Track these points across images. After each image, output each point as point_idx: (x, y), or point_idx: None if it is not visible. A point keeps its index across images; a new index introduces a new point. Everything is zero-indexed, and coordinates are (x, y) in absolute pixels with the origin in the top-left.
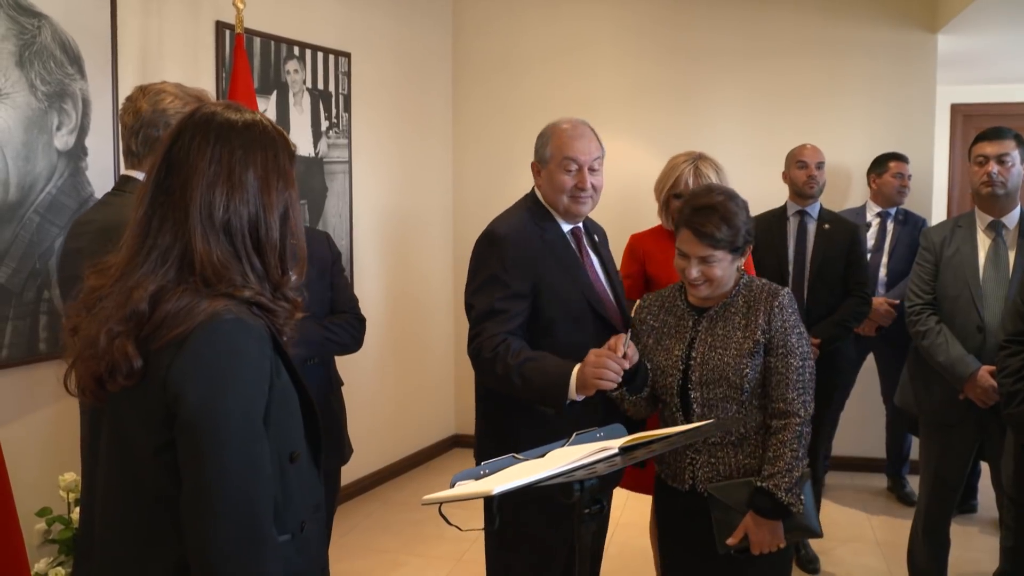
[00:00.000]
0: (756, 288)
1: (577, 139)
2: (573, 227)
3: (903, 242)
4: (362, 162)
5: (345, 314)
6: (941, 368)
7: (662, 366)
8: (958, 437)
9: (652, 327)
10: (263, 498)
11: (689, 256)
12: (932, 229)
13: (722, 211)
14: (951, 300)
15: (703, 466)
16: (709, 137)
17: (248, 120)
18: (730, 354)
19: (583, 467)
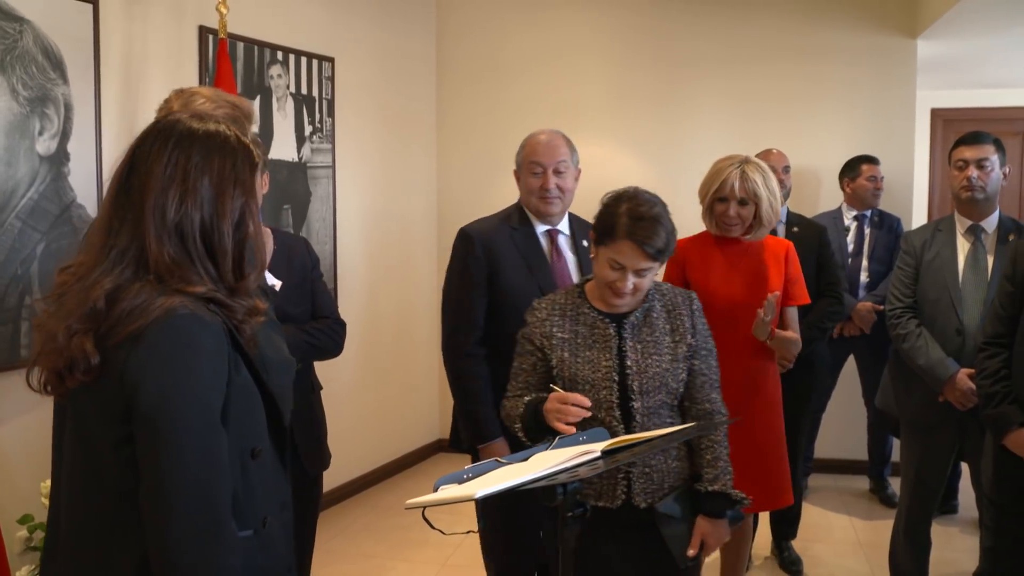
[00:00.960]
0: (668, 292)
1: (542, 144)
2: (550, 228)
3: (881, 243)
4: (346, 167)
5: (326, 319)
6: (921, 371)
7: (590, 379)
8: (938, 439)
9: (562, 339)
10: (220, 491)
11: (626, 268)
12: (913, 233)
13: (664, 223)
14: (931, 303)
15: (639, 477)
16: (691, 143)
17: (211, 130)
18: (666, 360)
19: (566, 470)
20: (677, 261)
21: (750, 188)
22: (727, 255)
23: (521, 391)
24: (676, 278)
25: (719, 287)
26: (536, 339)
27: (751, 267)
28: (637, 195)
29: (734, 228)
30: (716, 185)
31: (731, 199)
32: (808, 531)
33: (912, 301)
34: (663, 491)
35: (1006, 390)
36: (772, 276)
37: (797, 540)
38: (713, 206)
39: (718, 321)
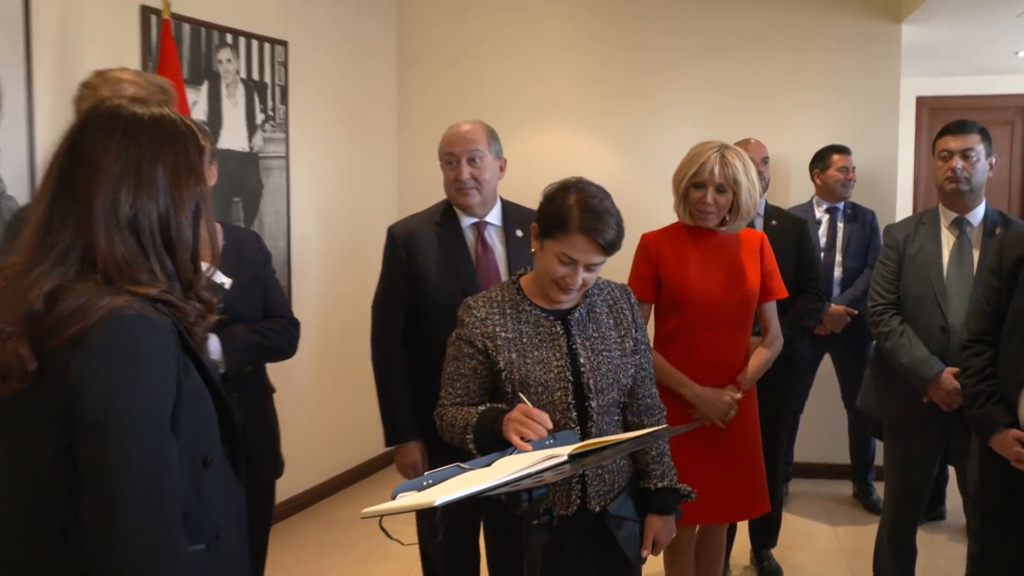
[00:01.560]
0: (605, 286)
1: (455, 134)
2: (477, 221)
3: (855, 238)
4: (301, 157)
5: (279, 318)
6: (904, 370)
7: (543, 381)
8: (922, 441)
9: (507, 339)
10: (170, 502)
11: (577, 263)
12: (896, 226)
13: (614, 215)
14: (914, 300)
15: (593, 480)
16: (665, 133)
17: (156, 115)
18: (615, 356)
19: (530, 475)
20: (649, 258)
21: (729, 174)
22: (702, 249)
23: (461, 398)
24: (649, 276)
25: (697, 284)
26: (477, 340)
27: (728, 261)
28: (585, 186)
29: (709, 217)
30: (693, 169)
31: (708, 185)
32: (789, 539)
33: (895, 297)
34: (614, 492)
35: (991, 389)
36: (749, 271)
37: (777, 548)
38: (688, 192)
39: (696, 320)
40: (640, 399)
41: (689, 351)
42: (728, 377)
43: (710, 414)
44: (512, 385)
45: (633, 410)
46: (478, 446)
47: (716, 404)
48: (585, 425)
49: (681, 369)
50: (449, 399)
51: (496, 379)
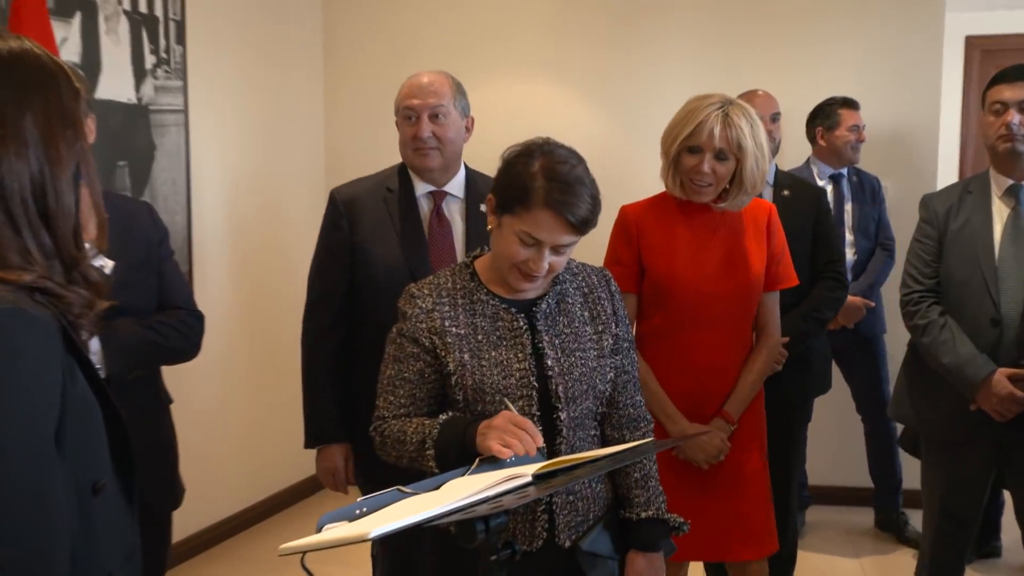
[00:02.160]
0: (580, 271)
1: (415, 85)
2: (434, 190)
3: (864, 212)
4: (203, 111)
5: (178, 310)
6: (947, 371)
7: (502, 387)
8: (970, 459)
9: (458, 336)
10: (55, 539)
11: (542, 244)
12: (935, 196)
13: (588, 185)
14: (959, 285)
15: (563, 509)
16: (653, 77)
17: (15, 49)
18: (591, 356)
19: (487, 500)
20: (629, 237)
21: (733, 137)
22: (694, 228)
23: (405, 408)
24: (629, 260)
25: (686, 271)
26: (423, 338)
27: (726, 243)
28: (553, 149)
29: (705, 190)
30: (688, 129)
31: (706, 150)
32: None
33: (934, 283)
34: (587, 523)
35: None
36: (752, 254)
37: None
38: (680, 158)
39: (684, 316)
40: (621, 408)
41: (673, 355)
42: (722, 389)
43: (694, 456)
44: (464, 392)
45: (613, 422)
46: (442, 464)
47: (704, 447)
48: (553, 441)
49: (663, 378)
50: (390, 410)
51: (445, 385)
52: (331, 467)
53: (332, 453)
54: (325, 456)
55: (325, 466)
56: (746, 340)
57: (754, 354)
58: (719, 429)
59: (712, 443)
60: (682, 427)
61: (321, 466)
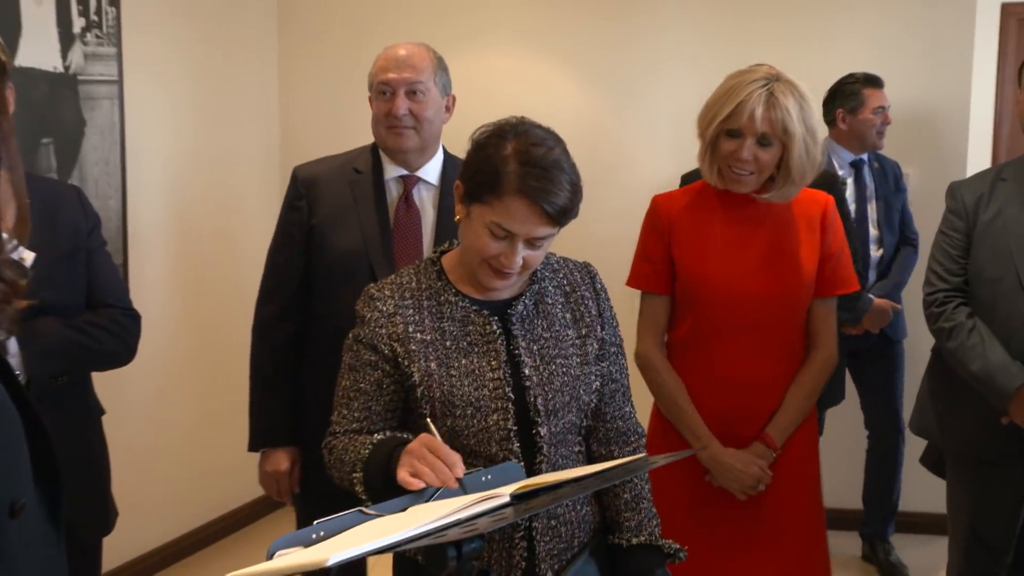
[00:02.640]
0: (560, 266)
1: (392, 58)
2: (406, 174)
3: (889, 202)
4: (140, 82)
5: (109, 308)
6: (975, 380)
7: (474, 400)
8: (1002, 479)
9: (424, 342)
10: None
11: (515, 236)
12: (963, 184)
13: (567, 170)
14: (989, 284)
15: (544, 534)
16: (649, 49)
17: None
18: (574, 363)
19: (459, 523)
20: (659, 230)
21: (778, 119)
22: (734, 221)
23: (360, 423)
24: (660, 256)
25: (719, 269)
26: (382, 345)
27: (771, 240)
28: (528, 130)
29: (745, 179)
30: (727, 110)
31: (747, 134)
32: None
33: (962, 281)
34: (572, 550)
35: None
36: (802, 254)
37: None
38: (718, 142)
39: (717, 321)
40: (609, 421)
41: (703, 367)
42: (762, 408)
43: (728, 485)
44: (432, 405)
45: (600, 437)
46: (369, 490)
47: (740, 476)
48: (532, 460)
49: (692, 393)
50: (343, 424)
51: (408, 398)
52: (275, 472)
53: (278, 457)
54: (270, 460)
55: (269, 471)
56: (793, 352)
57: (803, 369)
58: (758, 455)
59: (749, 470)
60: (713, 452)
61: (264, 471)
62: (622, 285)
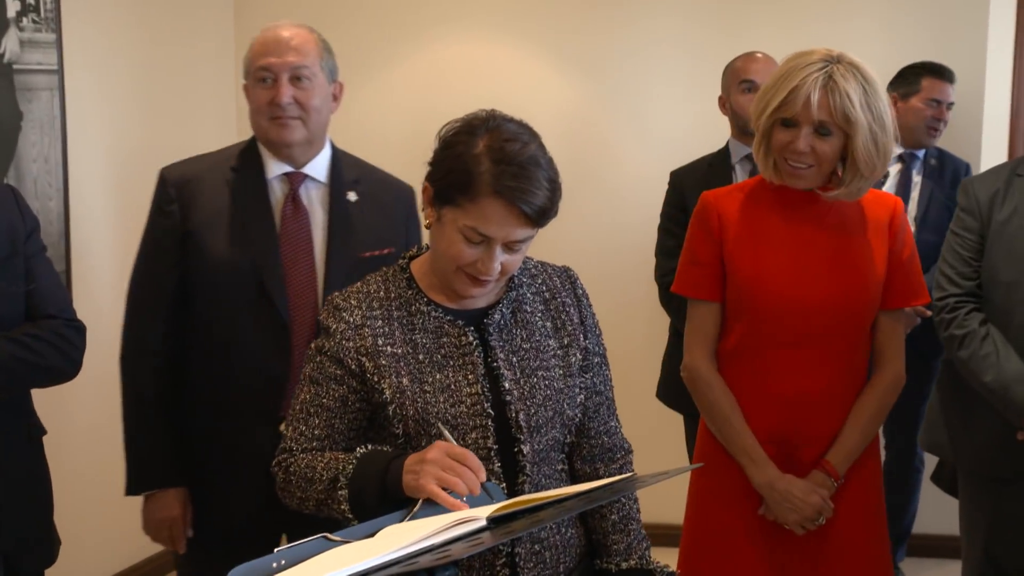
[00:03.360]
0: (539, 271)
1: (272, 41)
2: (290, 172)
3: (937, 203)
4: (83, 72)
5: (51, 320)
6: (989, 392)
7: (450, 416)
8: (1018, 499)
9: (394, 356)
10: None
11: (492, 240)
12: (976, 180)
13: (544, 167)
14: (1005, 288)
15: (527, 560)
16: (638, 36)
17: None
18: (556, 376)
19: (432, 549)
20: (710, 229)
21: (837, 106)
22: (794, 220)
23: (320, 440)
24: (710, 259)
25: (780, 275)
26: (349, 359)
27: (836, 242)
28: (500, 125)
29: (803, 174)
30: (780, 97)
31: (803, 123)
32: None
33: (974, 285)
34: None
35: None
36: (871, 259)
37: None
38: (773, 133)
39: (771, 330)
40: (594, 437)
41: (756, 383)
42: (820, 430)
43: (784, 516)
44: (404, 424)
45: (584, 454)
46: (356, 508)
47: (799, 506)
48: (514, 480)
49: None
50: (300, 442)
51: (378, 416)
52: (166, 517)
53: (166, 500)
54: (158, 505)
55: (158, 517)
56: (856, 368)
57: (868, 389)
58: (819, 484)
59: (809, 500)
60: (770, 477)
61: (151, 517)
62: (606, 291)
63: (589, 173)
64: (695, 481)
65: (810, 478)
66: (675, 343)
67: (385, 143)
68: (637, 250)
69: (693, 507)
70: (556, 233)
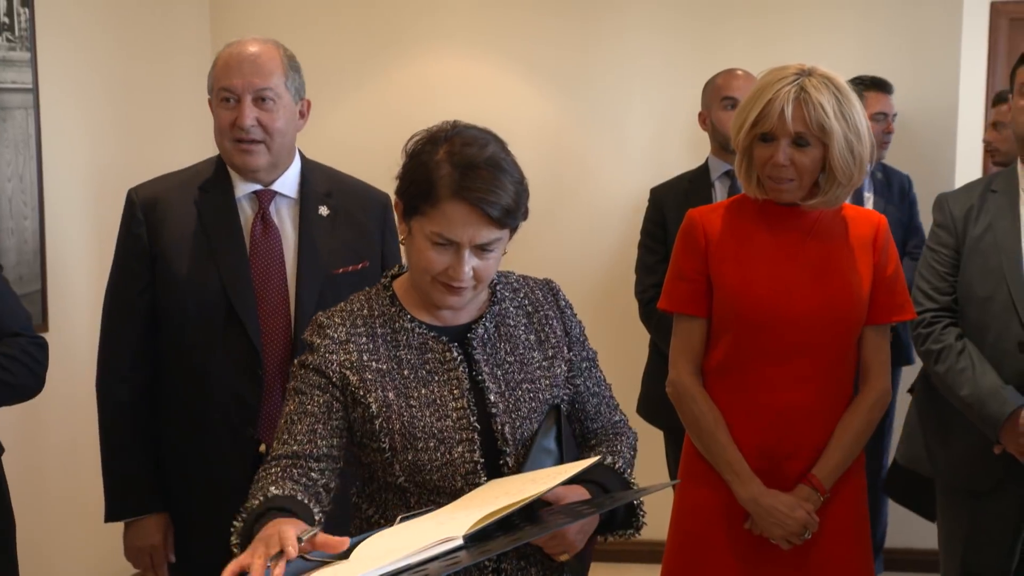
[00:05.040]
0: (520, 284)
1: (236, 60)
2: (259, 189)
3: (891, 218)
4: (58, 90)
5: (17, 337)
6: (965, 406)
7: (435, 432)
8: (995, 512)
9: (380, 372)
10: None
11: (460, 245)
12: (951, 196)
13: (508, 169)
14: (980, 303)
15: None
16: (616, 52)
17: None
18: (542, 387)
19: (410, 568)
20: (695, 245)
21: (812, 117)
22: (779, 234)
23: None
24: (695, 275)
25: (768, 287)
26: (332, 371)
27: (820, 254)
28: (461, 132)
29: (786, 188)
30: (756, 112)
31: (780, 136)
32: None
33: (950, 300)
34: None
35: None
36: (855, 272)
37: None
38: (753, 150)
39: (758, 344)
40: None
41: (742, 397)
42: (806, 444)
43: (770, 531)
44: (391, 438)
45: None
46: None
47: (784, 521)
48: None
49: (729, 424)
50: (281, 448)
51: (360, 431)
52: (146, 545)
53: (147, 527)
54: (139, 532)
55: (138, 544)
56: (842, 383)
57: (854, 406)
58: (804, 499)
59: (794, 515)
60: (755, 492)
61: (132, 544)
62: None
63: (567, 189)
64: (679, 497)
65: (795, 492)
66: (655, 359)
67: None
68: (615, 266)
69: (677, 523)
70: (533, 248)
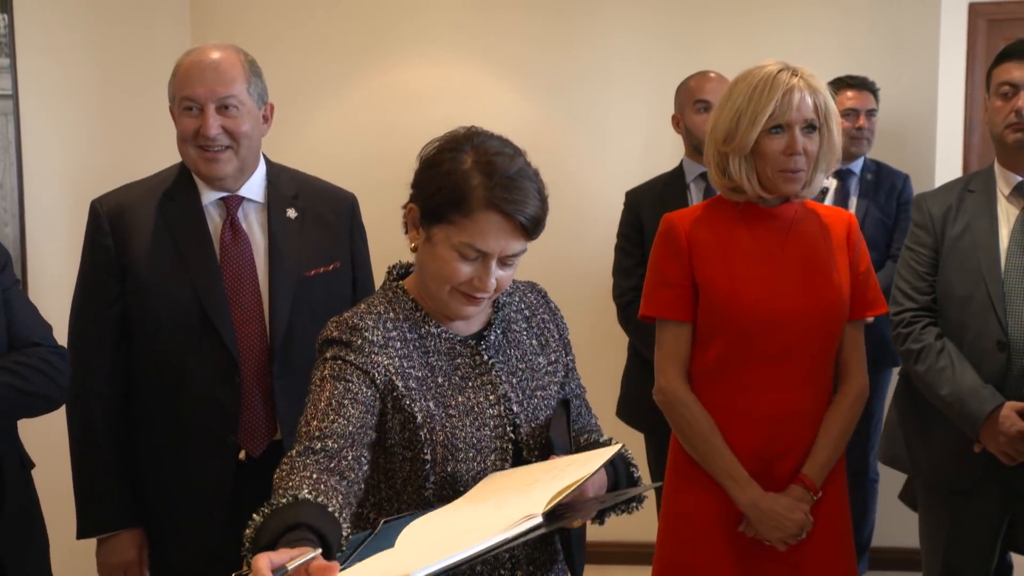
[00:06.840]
0: (515, 288)
1: (197, 68)
2: (226, 196)
3: (874, 219)
4: (39, 96)
5: (38, 347)
6: (945, 406)
7: (474, 442)
8: (976, 511)
9: (419, 379)
10: None
11: (488, 256)
12: (930, 196)
13: (536, 180)
14: (959, 303)
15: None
16: (596, 53)
17: None
18: (551, 394)
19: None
20: (678, 250)
21: (821, 102)
22: (759, 235)
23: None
24: (680, 279)
25: (755, 289)
26: (378, 373)
27: (802, 254)
28: (485, 141)
29: (801, 177)
30: (772, 105)
31: (794, 124)
32: None
33: (930, 299)
34: None
35: None
36: (835, 270)
37: None
38: (761, 146)
39: (749, 347)
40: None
41: (733, 400)
42: (797, 444)
43: (768, 534)
44: (433, 449)
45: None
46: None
47: (783, 523)
48: None
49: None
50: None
51: (401, 439)
52: (120, 562)
53: (121, 543)
54: (113, 549)
55: (112, 562)
56: (827, 381)
57: (836, 403)
58: (798, 499)
59: (792, 516)
60: (754, 497)
61: (105, 561)
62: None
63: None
64: (668, 501)
65: (789, 492)
66: (634, 361)
67: (345, 164)
68: (595, 268)
69: (667, 528)
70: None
